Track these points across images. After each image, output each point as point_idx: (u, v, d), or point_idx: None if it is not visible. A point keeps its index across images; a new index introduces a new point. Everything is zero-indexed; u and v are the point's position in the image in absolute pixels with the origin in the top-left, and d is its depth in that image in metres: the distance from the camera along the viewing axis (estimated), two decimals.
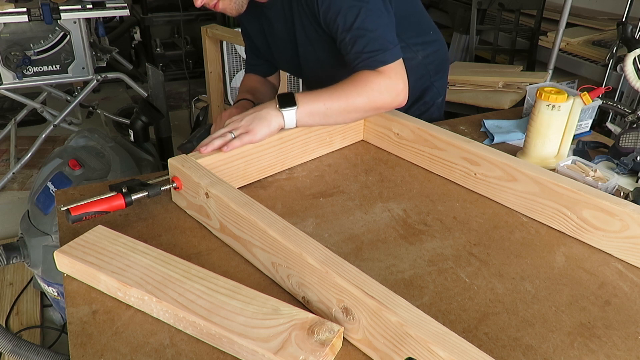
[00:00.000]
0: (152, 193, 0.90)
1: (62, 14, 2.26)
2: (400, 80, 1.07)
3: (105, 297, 0.76)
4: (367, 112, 1.10)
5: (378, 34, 1.06)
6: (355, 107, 1.06)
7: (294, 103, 1.02)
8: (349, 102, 1.05)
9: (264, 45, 1.35)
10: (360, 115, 1.11)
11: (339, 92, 1.05)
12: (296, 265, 0.73)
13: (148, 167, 1.88)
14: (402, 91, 1.08)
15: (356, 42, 1.06)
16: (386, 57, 1.06)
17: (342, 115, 1.07)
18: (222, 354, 0.68)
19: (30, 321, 1.94)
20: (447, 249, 0.88)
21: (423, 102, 1.40)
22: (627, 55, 1.32)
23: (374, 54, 1.06)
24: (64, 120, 2.60)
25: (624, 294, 0.80)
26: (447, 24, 3.46)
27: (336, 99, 1.05)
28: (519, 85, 2.51)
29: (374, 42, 1.06)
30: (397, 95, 1.08)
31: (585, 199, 0.89)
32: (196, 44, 4.20)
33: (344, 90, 1.05)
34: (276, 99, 1.04)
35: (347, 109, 1.06)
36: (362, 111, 1.09)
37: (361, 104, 1.06)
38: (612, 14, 2.89)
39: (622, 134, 1.19)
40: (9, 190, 2.59)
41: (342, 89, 1.06)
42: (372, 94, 1.05)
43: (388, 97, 1.07)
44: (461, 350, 0.58)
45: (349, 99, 1.05)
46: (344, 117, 1.09)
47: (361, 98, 1.05)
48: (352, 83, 1.06)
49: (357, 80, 1.06)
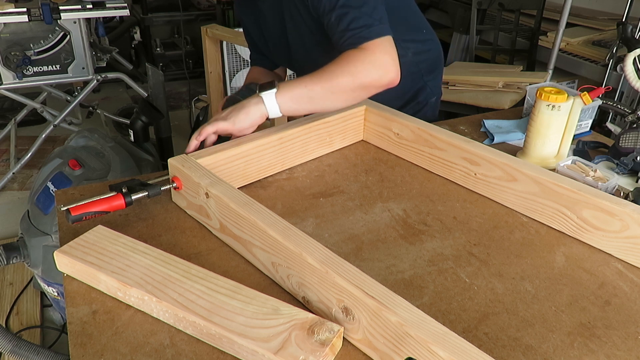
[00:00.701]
0: (152, 193, 0.90)
1: (62, 14, 2.26)
2: (386, 55, 1.02)
3: (105, 297, 0.76)
4: (354, 91, 1.04)
5: (363, 10, 1.03)
6: (340, 88, 1.02)
7: (273, 86, 1.00)
8: (332, 83, 1.01)
9: (260, 40, 1.36)
10: (348, 96, 1.06)
11: (321, 73, 1.02)
12: (296, 265, 0.73)
13: (148, 167, 1.88)
14: (390, 66, 1.03)
15: (341, 21, 1.04)
16: (370, 33, 1.02)
17: (328, 97, 1.03)
18: (222, 354, 0.68)
19: (30, 321, 1.94)
20: (447, 249, 0.88)
21: (416, 102, 1.40)
22: (627, 55, 1.32)
23: (357, 31, 1.02)
24: (64, 120, 2.61)
25: (624, 294, 0.80)
26: (447, 24, 3.46)
27: (318, 80, 1.01)
28: (519, 85, 2.51)
29: (358, 19, 1.02)
30: (385, 72, 1.02)
31: (585, 199, 0.89)
32: (196, 44, 4.21)
33: (326, 72, 1.02)
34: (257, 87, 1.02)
35: (332, 89, 1.02)
36: (349, 91, 1.04)
37: (346, 84, 1.02)
38: (612, 14, 2.89)
39: (622, 134, 1.19)
40: (9, 190, 2.59)
41: (324, 70, 1.02)
42: (356, 71, 1.01)
43: (375, 74, 1.02)
44: (461, 350, 0.58)
45: (332, 79, 1.01)
46: (332, 100, 1.05)
47: (345, 77, 1.01)
48: (334, 63, 1.02)
49: (340, 60, 1.02)
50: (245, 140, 1.01)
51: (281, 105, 1.00)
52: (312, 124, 1.10)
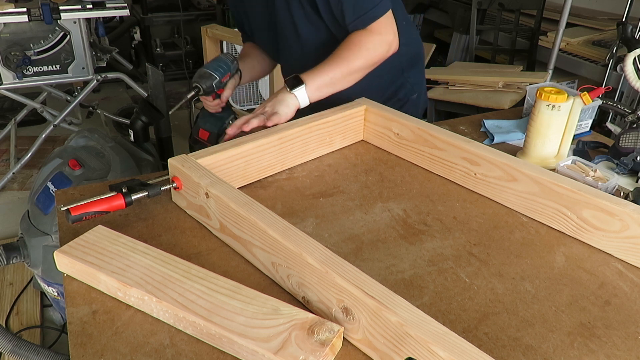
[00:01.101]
0: (152, 193, 0.90)
1: (62, 14, 2.26)
2: (390, 32, 1.17)
3: (105, 297, 0.76)
4: (366, 69, 1.19)
5: None
6: (355, 69, 1.16)
7: (301, 82, 1.11)
8: (349, 67, 1.14)
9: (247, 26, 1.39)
10: (362, 74, 1.19)
11: (338, 59, 1.14)
12: (296, 265, 0.73)
13: (148, 167, 1.88)
14: (393, 41, 1.18)
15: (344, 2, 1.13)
16: (375, 12, 1.13)
17: (346, 79, 1.16)
18: (222, 354, 0.68)
19: (30, 321, 1.94)
20: (447, 249, 0.88)
21: (397, 99, 1.41)
22: (627, 55, 1.32)
23: (363, 11, 1.13)
24: (64, 120, 2.60)
25: (624, 294, 0.80)
26: (447, 24, 3.47)
27: (337, 67, 1.14)
28: (519, 85, 2.51)
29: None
30: (389, 47, 1.18)
31: (585, 199, 0.89)
32: (196, 44, 4.20)
33: (342, 57, 1.14)
34: (284, 83, 1.12)
35: (349, 72, 1.15)
36: (362, 70, 1.18)
37: (360, 65, 1.15)
38: (612, 14, 2.89)
39: (622, 134, 1.19)
40: (9, 190, 2.59)
41: (340, 56, 1.14)
42: (368, 53, 1.15)
43: (382, 51, 1.17)
44: (461, 350, 0.58)
45: (349, 63, 1.14)
46: (348, 81, 1.17)
47: (359, 60, 1.15)
48: (347, 48, 1.15)
49: (352, 43, 1.15)
50: (246, 140, 1.01)
51: (310, 96, 1.13)
52: (312, 124, 1.10)
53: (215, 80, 1.21)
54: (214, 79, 1.20)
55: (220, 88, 1.23)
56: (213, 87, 1.21)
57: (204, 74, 1.21)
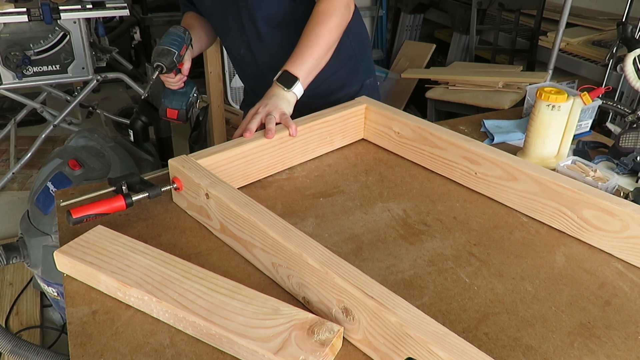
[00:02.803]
0: (152, 194, 0.90)
1: (62, 14, 2.26)
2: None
3: (105, 297, 0.76)
4: (339, 36, 1.20)
5: None
6: (332, 42, 1.17)
7: (295, 78, 1.11)
8: (327, 42, 1.16)
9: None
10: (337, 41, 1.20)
11: (315, 39, 1.14)
12: (296, 265, 0.73)
13: (148, 167, 1.88)
14: (350, 2, 1.21)
15: None
16: None
17: (327, 55, 1.17)
18: (222, 354, 0.68)
19: (30, 321, 1.94)
20: (447, 249, 0.88)
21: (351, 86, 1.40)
22: (627, 55, 1.32)
23: None
24: (63, 120, 2.60)
25: (624, 294, 0.80)
26: (447, 24, 3.46)
27: (317, 47, 1.14)
28: (519, 85, 2.51)
29: None
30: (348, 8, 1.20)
31: (585, 199, 0.89)
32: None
33: (317, 35, 1.15)
34: (277, 84, 1.11)
35: (327, 47, 1.16)
36: (336, 39, 1.19)
37: (334, 37, 1.17)
38: (612, 14, 2.88)
39: (622, 134, 1.19)
40: (9, 190, 2.59)
41: (315, 35, 1.14)
42: (337, 22, 1.17)
43: (347, 15, 1.20)
44: (461, 351, 0.58)
45: (325, 40, 1.15)
46: (329, 55, 1.18)
47: (333, 32, 1.16)
48: (317, 24, 1.15)
49: (320, 17, 1.16)
50: (246, 140, 1.01)
51: (303, 86, 1.14)
52: (313, 124, 1.10)
53: (174, 54, 1.17)
54: (173, 53, 1.17)
55: (180, 62, 1.21)
56: (174, 62, 1.18)
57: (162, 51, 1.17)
